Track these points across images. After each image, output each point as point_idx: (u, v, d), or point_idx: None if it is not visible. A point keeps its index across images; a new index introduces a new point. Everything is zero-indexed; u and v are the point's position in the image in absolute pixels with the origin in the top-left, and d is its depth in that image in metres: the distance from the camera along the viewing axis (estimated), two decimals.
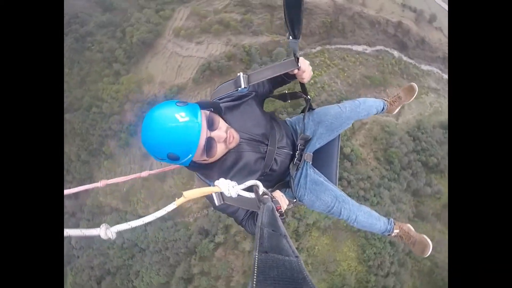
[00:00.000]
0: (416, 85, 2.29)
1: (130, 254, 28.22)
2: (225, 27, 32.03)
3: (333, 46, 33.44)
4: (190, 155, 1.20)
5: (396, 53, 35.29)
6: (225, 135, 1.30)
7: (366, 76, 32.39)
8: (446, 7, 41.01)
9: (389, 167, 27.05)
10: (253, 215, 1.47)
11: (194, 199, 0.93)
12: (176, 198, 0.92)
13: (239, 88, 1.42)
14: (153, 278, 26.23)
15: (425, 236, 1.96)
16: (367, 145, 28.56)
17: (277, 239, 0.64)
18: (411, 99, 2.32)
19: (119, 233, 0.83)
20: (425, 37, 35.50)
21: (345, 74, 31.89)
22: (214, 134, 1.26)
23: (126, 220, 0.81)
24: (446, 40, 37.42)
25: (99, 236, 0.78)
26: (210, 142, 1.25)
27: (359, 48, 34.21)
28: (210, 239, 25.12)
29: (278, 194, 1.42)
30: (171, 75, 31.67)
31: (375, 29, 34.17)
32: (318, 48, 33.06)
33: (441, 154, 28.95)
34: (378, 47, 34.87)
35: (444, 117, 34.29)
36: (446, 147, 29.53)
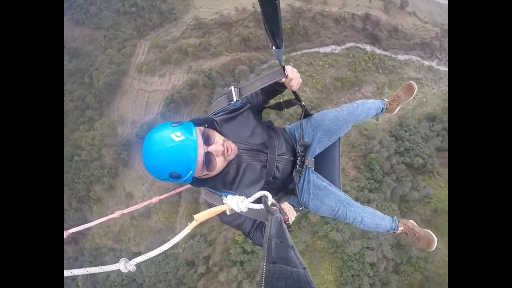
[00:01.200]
0: (415, 83, 2.30)
1: None
2: (184, 54, 31.59)
3: (298, 53, 31.86)
4: (191, 172, 1.22)
5: (368, 48, 32.92)
6: (222, 148, 1.32)
7: (337, 78, 30.62)
8: None
9: (370, 175, 25.56)
10: (260, 227, 1.49)
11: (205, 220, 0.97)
12: (189, 223, 0.94)
13: (232, 102, 1.48)
14: None
15: (429, 231, 2.02)
16: (345, 153, 27.14)
17: (285, 250, 0.64)
18: (411, 98, 2.31)
19: (128, 267, 0.85)
20: (398, 25, 32.64)
21: (314, 81, 30.35)
22: (211, 148, 1.29)
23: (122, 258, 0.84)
24: (422, 24, 34.25)
25: (119, 270, 0.82)
26: (208, 156, 1.27)
27: (327, 49, 32.31)
28: (194, 270, 25.69)
29: (286, 206, 1.42)
30: (140, 112, 32.01)
31: (341, 26, 31.99)
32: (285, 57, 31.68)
33: (427, 152, 26.57)
34: (348, 45, 32.70)
35: (430, 107, 31.65)
36: (433, 142, 27.00)
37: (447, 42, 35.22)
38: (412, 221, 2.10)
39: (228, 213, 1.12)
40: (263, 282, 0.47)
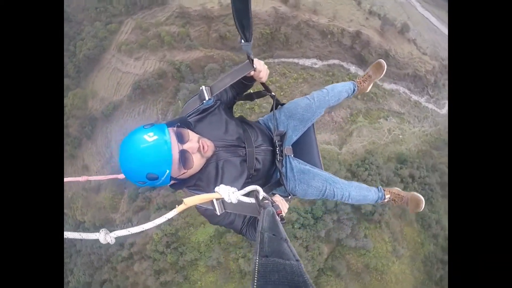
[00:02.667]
0: (383, 61, 2.30)
1: None
2: (161, 41, 31.17)
3: (276, 60, 30.24)
4: (168, 171, 1.23)
5: (353, 69, 30.54)
6: (197, 145, 1.34)
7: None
8: (430, 16, 33.84)
9: (310, 208, 24.04)
10: (252, 223, 1.50)
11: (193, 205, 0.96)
12: (177, 206, 0.92)
13: (204, 101, 1.50)
14: None
15: (415, 193, 2.12)
16: None
17: (278, 243, 0.64)
18: (381, 76, 2.33)
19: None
20: (391, 50, 29.79)
21: (282, 94, 28.85)
22: (186, 146, 1.30)
23: (68, 223, 0.99)
24: (420, 54, 31.08)
25: (98, 240, 0.80)
26: (184, 154, 1.28)
27: (308, 62, 30.36)
28: (120, 252, 26.48)
29: (278, 199, 1.45)
30: (111, 91, 32.51)
31: (327, 40, 29.77)
32: None
33: None
34: (332, 61, 30.50)
35: (405, 147, 29.13)
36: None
37: (444, 79, 31.86)
38: (396, 187, 2.22)
39: (218, 210, 1.13)
40: (255, 276, 0.47)
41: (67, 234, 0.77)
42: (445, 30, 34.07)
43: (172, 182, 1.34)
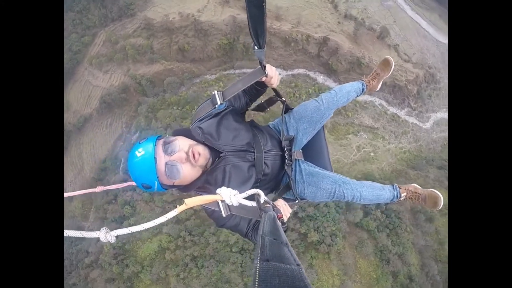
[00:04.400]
0: (391, 57, 2.28)
1: None
2: (126, 55, 31.15)
3: (237, 71, 28.81)
4: (156, 182, 1.31)
5: (321, 78, 28.09)
6: (185, 155, 1.34)
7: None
8: (420, 20, 29.83)
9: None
10: (257, 227, 1.50)
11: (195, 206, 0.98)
12: (178, 205, 0.93)
13: (216, 106, 1.53)
14: None
15: (433, 189, 2.01)
16: None
17: (279, 247, 0.65)
18: (390, 73, 2.30)
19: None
20: (364, 57, 26.74)
21: None
22: (174, 157, 1.32)
23: None
24: (401, 62, 27.58)
25: (98, 239, 0.82)
26: (170, 166, 1.32)
27: None
28: (86, 259, 27.30)
29: (280, 203, 1.46)
30: (83, 104, 33.43)
31: (291, 48, 27.58)
32: (218, 74, 29.03)
33: (332, 229, 21.46)
34: (297, 71, 28.31)
35: (377, 166, 26.28)
36: (351, 216, 22.18)
37: (430, 89, 28.03)
38: (414, 184, 2.08)
39: (223, 212, 1.15)
40: (256, 280, 0.47)
41: (68, 232, 0.77)
42: (436, 35, 30.01)
43: (172, 188, 1.38)
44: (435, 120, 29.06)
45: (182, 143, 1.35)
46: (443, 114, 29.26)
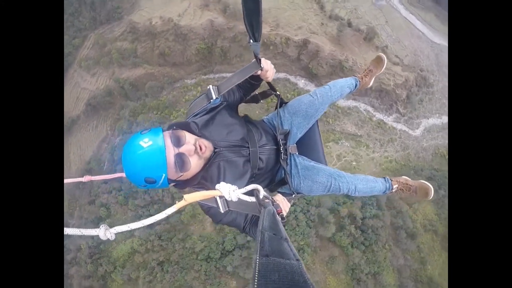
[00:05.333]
0: (383, 54, 2.33)
1: None
2: (112, 58, 31.45)
3: (216, 75, 28.21)
4: (164, 175, 1.24)
5: (301, 83, 26.88)
6: (193, 147, 1.32)
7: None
8: (414, 20, 27.86)
9: (222, 240, 22.10)
10: (255, 222, 1.49)
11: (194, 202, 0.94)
12: (177, 201, 0.91)
13: (211, 100, 1.52)
14: None
15: (422, 181, 2.06)
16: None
17: (278, 242, 0.65)
18: (382, 70, 2.34)
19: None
20: (347, 60, 25.25)
21: None
22: (182, 149, 1.29)
23: None
24: (389, 64, 25.49)
25: (98, 236, 0.80)
26: (180, 157, 1.28)
27: None
28: None
29: (279, 198, 1.48)
30: (71, 105, 34.21)
31: (270, 52, 26.52)
32: (197, 79, 28.58)
33: (301, 243, 20.15)
34: (277, 75, 27.18)
35: None
36: (324, 229, 20.75)
37: (422, 93, 26.07)
38: (404, 176, 2.14)
39: (221, 208, 1.15)
40: (256, 275, 0.47)
41: (67, 231, 0.76)
42: (431, 35, 27.94)
43: (173, 183, 1.34)
44: (426, 126, 27.00)
45: (188, 136, 1.34)
46: (436, 120, 27.13)
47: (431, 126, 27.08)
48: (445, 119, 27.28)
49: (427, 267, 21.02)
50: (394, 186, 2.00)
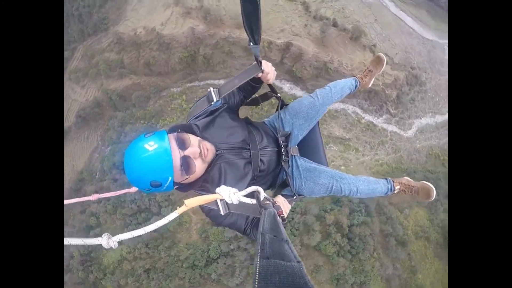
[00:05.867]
0: (383, 54, 2.36)
1: None
2: (99, 70, 31.63)
3: (201, 83, 27.93)
4: (170, 178, 1.23)
5: (287, 87, 26.23)
6: (198, 150, 1.32)
7: None
8: (405, 16, 26.72)
9: (207, 248, 22.01)
10: (256, 224, 1.48)
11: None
12: (178, 207, 0.92)
13: (212, 103, 1.53)
14: None
15: (425, 182, 2.03)
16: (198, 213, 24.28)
17: (279, 244, 0.64)
18: (381, 70, 2.36)
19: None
20: (332, 62, 24.44)
21: None
22: (187, 152, 1.29)
23: None
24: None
25: (100, 245, 0.79)
26: (185, 160, 1.27)
27: None
28: None
29: (280, 200, 1.47)
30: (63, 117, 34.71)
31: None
32: (183, 87, 28.36)
33: None
34: None
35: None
36: (310, 239, 20.31)
37: (414, 92, 25.01)
38: (406, 177, 2.12)
39: (222, 211, 1.15)
40: (256, 277, 0.48)
41: (69, 240, 0.74)
42: (422, 31, 26.83)
43: (176, 186, 1.34)
44: (419, 127, 25.92)
45: (193, 138, 1.33)
46: (429, 120, 25.99)
47: (424, 126, 25.98)
48: (438, 118, 26.12)
49: (418, 276, 20.18)
50: (396, 188, 1.99)
